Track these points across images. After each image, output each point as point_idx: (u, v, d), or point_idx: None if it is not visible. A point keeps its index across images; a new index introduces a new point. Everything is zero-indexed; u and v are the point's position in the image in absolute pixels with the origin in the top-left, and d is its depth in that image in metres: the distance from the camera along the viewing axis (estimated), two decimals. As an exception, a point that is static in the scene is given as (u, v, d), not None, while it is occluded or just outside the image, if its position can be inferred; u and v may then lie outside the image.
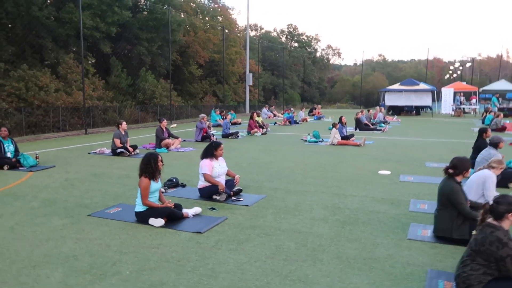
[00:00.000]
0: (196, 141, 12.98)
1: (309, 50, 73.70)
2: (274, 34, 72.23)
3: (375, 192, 6.54)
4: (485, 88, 30.60)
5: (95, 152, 10.67)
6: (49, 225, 4.91)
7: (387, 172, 8.02)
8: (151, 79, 30.58)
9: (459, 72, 67.75)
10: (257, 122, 15.45)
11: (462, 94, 29.43)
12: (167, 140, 11.17)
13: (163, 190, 6.42)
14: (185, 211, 5.19)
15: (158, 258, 3.93)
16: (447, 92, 28.80)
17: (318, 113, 24.49)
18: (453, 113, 27.98)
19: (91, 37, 26.88)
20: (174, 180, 6.90)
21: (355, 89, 73.17)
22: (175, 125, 20.07)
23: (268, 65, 60.67)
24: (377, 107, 21.93)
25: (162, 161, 5.16)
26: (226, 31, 48.60)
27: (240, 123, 19.69)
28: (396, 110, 27.45)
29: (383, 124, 18.33)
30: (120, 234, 4.58)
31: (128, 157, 10.11)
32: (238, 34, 49.56)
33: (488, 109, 22.84)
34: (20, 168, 8.45)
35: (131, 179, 7.49)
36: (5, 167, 8.36)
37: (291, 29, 73.15)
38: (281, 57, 62.39)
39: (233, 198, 6.05)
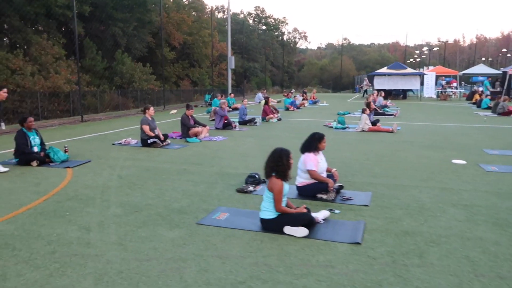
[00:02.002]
0: (217, 128, 12.05)
1: (277, 33, 73.03)
2: (241, 16, 70.84)
3: (479, 185, 6.04)
4: (466, 71, 31.23)
5: (120, 143, 9.55)
6: (163, 239, 4.00)
7: (463, 162, 7.57)
8: (128, 62, 28.87)
9: (423, 56, 69.55)
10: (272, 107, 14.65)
11: (443, 78, 29.87)
12: (196, 129, 10.20)
13: (251, 188, 5.61)
14: (313, 215, 4.42)
15: (352, 283, 3.17)
16: (429, 76, 29.10)
17: (314, 98, 23.94)
18: (435, 96, 28.33)
19: (62, 16, 24.83)
20: (257, 176, 6.06)
21: (323, 72, 73.57)
22: (175, 111, 18.85)
23: (237, 48, 59.44)
24: (375, 91, 21.67)
25: (292, 158, 4.35)
26: (198, 12, 46.81)
27: (239, 109, 18.71)
28: (385, 94, 27.40)
29: (387, 109, 18.05)
30: (266, 249, 3.78)
31: (161, 148, 9.08)
32: (205, 16, 47.89)
33: (476, 91, 23.21)
34: (51, 163, 7.27)
35: (195, 174, 6.60)
36: (34, 163, 7.18)
37: (259, 12, 71.99)
38: (250, 40, 61.34)
39: (343, 196, 5.32)
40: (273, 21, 72.86)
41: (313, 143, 5.35)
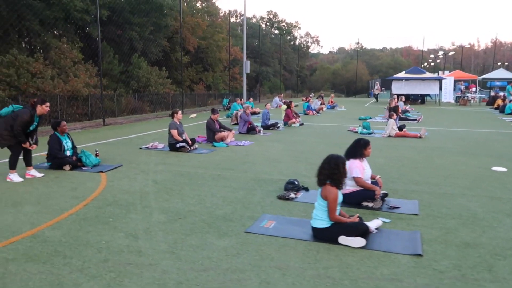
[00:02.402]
0: (240, 133, 11.94)
1: (289, 37, 73.03)
2: (254, 20, 71.01)
3: (528, 193, 5.81)
4: (485, 76, 30.78)
5: (147, 147, 9.47)
6: (215, 248, 3.87)
7: (503, 169, 7.34)
8: (144, 66, 28.98)
9: (438, 61, 68.86)
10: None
11: (462, 82, 29.46)
12: (222, 133, 10.09)
13: (293, 195, 5.46)
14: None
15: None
16: (447, 81, 28.73)
17: (332, 102, 23.73)
18: (453, 101, 27.94)
19: (80, 21, 25.02)
20: (296, 182, 5.91)
21: (335, 77, 73.27)
22: (195, 115, 18.78)
23: (250, 53, 59.44)
24: (395, 96, 21.38)
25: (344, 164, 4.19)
26: (212, 16, 46.93)
27: (258, 113, 18.63)
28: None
29: (408, 114, 17.79)
30: (325, 260, 3.64)
31: (189, 152, 8.98)
32: (219, 20, 47.98)
33: (497, 96, 22.82)
34: (83, 168, 7.20)
35: (230, 180, 6.47)
36: (67, 167, 7.11)
37: (271, 16, 72.08)
38: (263, 44, 61.32)
39: (390, 205, 5.14)
40: (285, 25, 72.91)
41: (358, 149, 5.19)
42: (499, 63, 76.15)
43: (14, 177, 6.25)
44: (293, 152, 9.08)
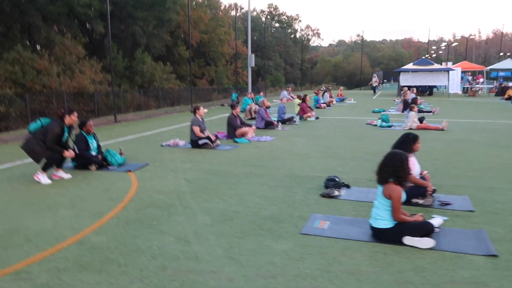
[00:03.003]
0: (258, 128, 11.69)
1: (290, 30, 72.53)
2: (255, 14, 70.48)
3: None
4: (493, 67, 30.51)
5: (168, 145, 9.24)
6: (275, 251, 3.66)
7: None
8: (148, 61, 28.65)
9: (440, 52, 68.52)
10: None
11: (470, 73, 29.19)
12: (244, 129, 9.85)
13: (337, 193, 5.24)
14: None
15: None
16: (455, 72, 28.46)
17: (341, 95, 23.47)
18: (461, 92, 27.68)
19: (84, 16, 24.68)
20: (337, 179, 5.69)
21: (336, 69, 72.89)
22: (206, 110, 18.45)
23: (252, 46, 58.92)
24: (405, 88, 21.16)
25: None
26: (213, 10, 46.46)
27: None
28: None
29: (421, 106, 17.55)
30: (396, 264, 3.43)
31: (213, 149, 8.75)
32: (220, 13, 47.54)
33: (506, 87, 22.60)
34: (109, 167, 6.97)
35: (265, 177, 6.26)
36: (93, 167, 6.87)
37: (272, 9, 71.54)
38: (264, 37, 60.87)
39: (441, 201, 4.93)
40: (286, 18, 72.36)
41: (408, 144, 4.96)
42: (501, 54, 75.76)
43: (43, 178, 6.02)
44: (318, 147, 8.85)
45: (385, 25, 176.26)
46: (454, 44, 62.98)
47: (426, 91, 27.62)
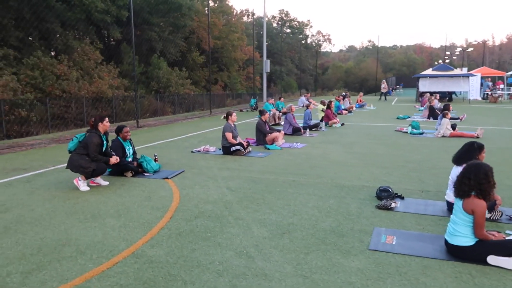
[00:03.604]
0: (286, 134, 11.43)
1: (301, 36, 72.43)
2: (266, 19, 70.44)
3: None
4: (512, 73, 30.01)
5: (199, 151, 9.03)
6: (349, 270, 3.40)
7: None
8: (164, 67, 28.61)
9: (455, 58, 67.86)
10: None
11: (490, 79, 28.72)
12: (274, 134, 9.61)
13: (393, 205, 4.96)
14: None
15: None
16: (474, 78, 28.01)
17: (360, 101, 23.17)
18: (480, 98, 27.22)
19: (101, 22, 24.74)
20: (390, 190, 5.40)
21: (348, 75, 72.52)
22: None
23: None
24: (428, 94, 20.79)
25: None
26: (226, 16, 46.50)
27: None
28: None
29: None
30: (487, 287, 3.11)
31: (245, 156, 8.52)
32: (233, 20, 47.55)
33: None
34: (145, 174, 6.76)
35: (310, 187, 6.00)
36: (129, 174, 6.67)
37: (283, 15, 71.50)
38: (276, 43, 60.81)
39: (509, 215, 4.62)
40: (297, 24, 72.25)
41: (473, 154, 4.68)
42: (515, 59, 74.85)
43: (82, 185, 5.83)
44: (355, 154, 8.58)
45: (395, 31, 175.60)
46: (469, 50, 62.23)
47: (445, 97, 27.20)
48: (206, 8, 39.20)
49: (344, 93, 21.23)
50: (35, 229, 4.36)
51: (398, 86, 61.53)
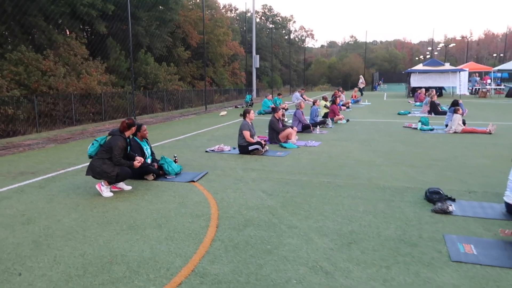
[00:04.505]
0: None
1: (284, 31, 72.22)
2: (249, 14, 69.87)
3: None
4: (500, 67, 30.39)
5: (213, 150, 8.58)
6: (444, 286, 3.04)
7: None
8: (152, 62, 27.88)
9: (436, 53, 68.78)
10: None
11: (477, 74, 29.01)
12: (288, 130, 9.24)
13: (450, 208, 4.66)
14: None
15: None
16: (463, 73, 28.25)
17: (355, 97, 23.00)
18: (468, 93, 27.48)
19: (87, 16, 23.87)
20: (441, 192, 5.10)
21: (331, 70, 72.74)
22: (225, 112, 17.82)
23: (247, 48, 58.56)
24: (423, 89, 20.75)
25: None
26: (211, 10, 45.83)
27: (287, 109, 17.76)
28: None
29: (443, 107, 17.14)
30: None
31: (263, 155, 8.12)
32: (215, 15, 46.93)
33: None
34: (166, 177, 6.30)
35: (349, 189, 5.68)
36: (150, 177, 6.19)
37: (266, 10, 71.11)
38: (260, 38, 60.41)
39: None
40: (280, 19, 71.96)
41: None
42: (494, 54, 76.46)
43: (105, 190, 5.34)
44: (377, 153, 8.29)
45: (374, 27, 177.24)
46: (451, 45, 63.19)
47: (436, 92, 27.27)
48: (188, 2, 38.43)
49: (340, 89, 21.06)
50: (70, 243, 3.87)
51: (380, 82, 62.00)
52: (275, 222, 4.41)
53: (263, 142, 8.23)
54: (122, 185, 5.66)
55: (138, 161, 5.54)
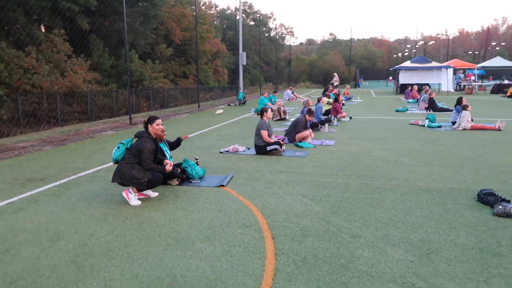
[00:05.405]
0: (303, 130, 10.69)
1: (264, 29, 71.94)
2: (229, 12, 69.37)
3: None
4: (483, 64, 30.86)
5: (227, 151, 8.13)
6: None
7: None
8: (136, 59, 27.07)
9: (414, 51, 69.77)
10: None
11: (462, 71, 29.36)
12: (306, 132, 8.87)
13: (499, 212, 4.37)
14: None
15: None
16: (449, 70, 28.54)
17: (347, 94, 22.84)
18: (453, 90, 27.77)
19: (68, 11, 22.95)
20: (496, 194, 4.82)
21: (312, 68, 72.89)
22: (221, 111, 17.31)
23: (228, 45, 58.10)
24: (415, 86, 20.73)
25: None
26: (193, 7, 45.22)
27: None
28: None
29: (440, 104, 17.15)
30: None
31: (281, 155, 7.73)
32: (194, 13, 46.26)
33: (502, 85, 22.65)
34: (191, 181, 5.83)
35: (392, 192, 5.38)
36: (174, 182, 5.72)
37: (246, 7, 70.65)
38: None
39: None
40: (260, 16, 71.58)
41: None
42: (469, 52, 78.21)
43: (133, 198, 4.86)
44: (398, 151, 8.01)
45: (351, 24, 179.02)
46: (431, 43, 64.18)
47: (422, 89, 27.49)
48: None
49: (332, 83, 20.90)
50: (116, 263, 3.39)
51: (361, 79, 62.44)
52: (334, 230, 4.03)
53: (281, 142, 7.82)
54: (148, 191, 5.17)
55: (169, 164, 5.06)
